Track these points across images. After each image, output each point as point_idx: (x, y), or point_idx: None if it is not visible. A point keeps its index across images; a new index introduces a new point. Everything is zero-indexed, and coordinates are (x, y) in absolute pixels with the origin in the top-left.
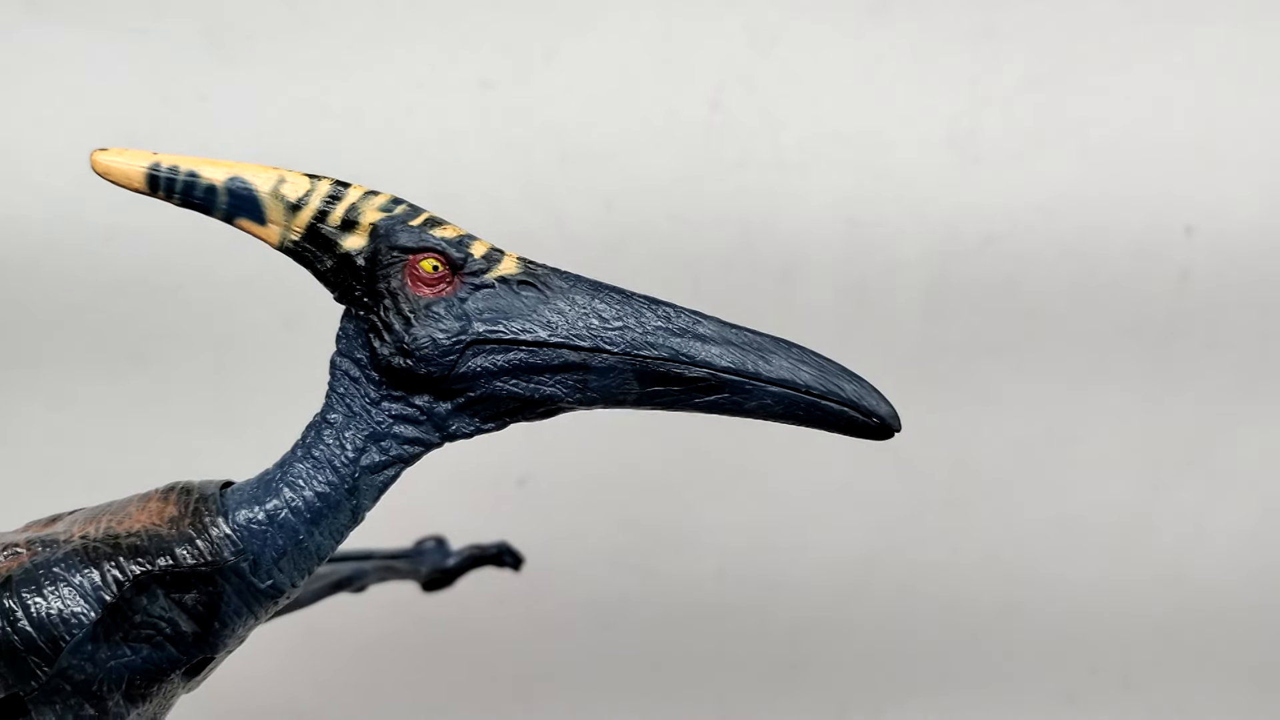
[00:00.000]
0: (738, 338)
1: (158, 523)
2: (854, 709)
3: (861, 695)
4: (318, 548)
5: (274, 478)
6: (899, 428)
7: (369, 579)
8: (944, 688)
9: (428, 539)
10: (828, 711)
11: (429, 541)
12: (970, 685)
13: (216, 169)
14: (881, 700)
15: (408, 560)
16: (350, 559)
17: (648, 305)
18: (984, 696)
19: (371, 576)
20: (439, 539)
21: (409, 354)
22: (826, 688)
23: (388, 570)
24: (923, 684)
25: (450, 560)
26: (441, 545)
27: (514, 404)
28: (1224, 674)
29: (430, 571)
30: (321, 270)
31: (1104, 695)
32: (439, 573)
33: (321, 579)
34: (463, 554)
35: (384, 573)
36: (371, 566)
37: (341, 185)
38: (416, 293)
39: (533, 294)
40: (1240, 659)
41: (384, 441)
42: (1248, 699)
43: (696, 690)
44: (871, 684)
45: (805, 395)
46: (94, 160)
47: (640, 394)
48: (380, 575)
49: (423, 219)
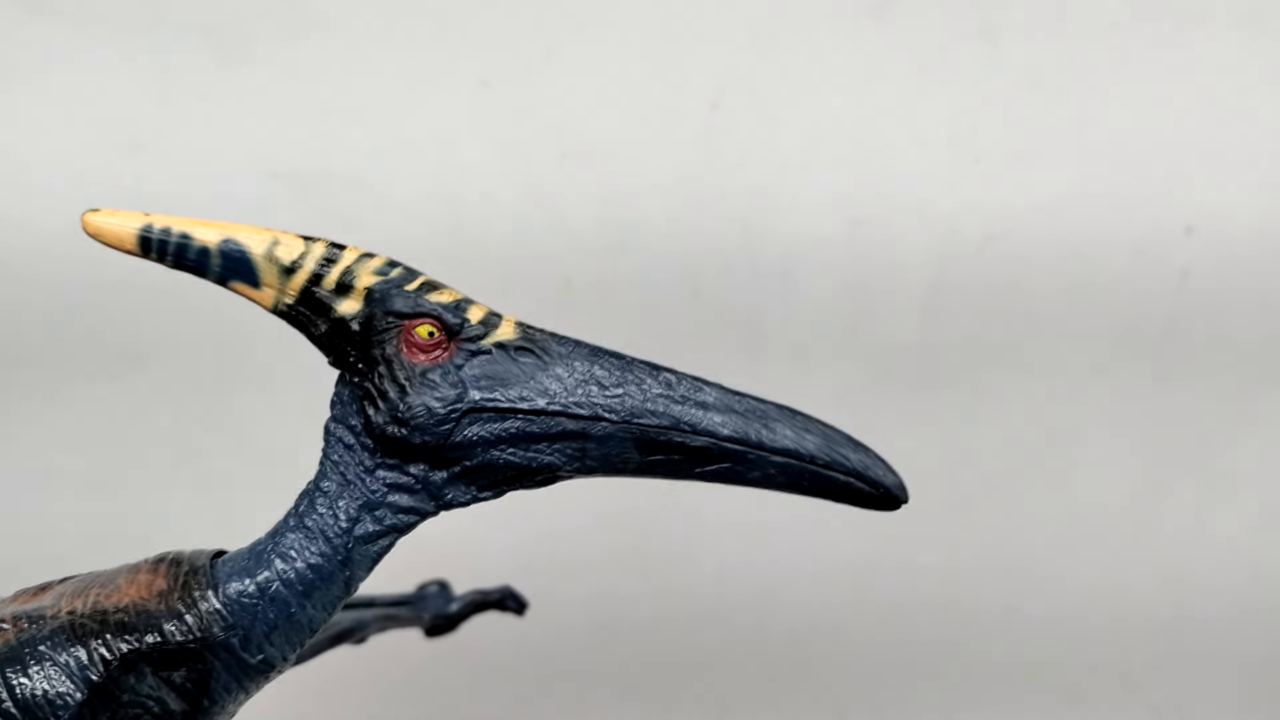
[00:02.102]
0: (741, 405)
1: (146, 597)
2: (853, 710)
3: (861, 696)
4: (310, 620)
5: (266, 548)
6: (906, 499)
7: (370, 629)
8: (944, 688)
9: (430, 583)
10: (827, 712)
11: (431, 586)
12: (970, 686)
13: (209, 230)
14: (881, 701)
15: (409, 607)
16: (350, 607)
17: (649, 371)
18: (984, 697)
19: (372, 627)
20: (442, 583)
21: (404, 423)
22: (826, 688)
23: (389, 619)
24: (922, 685)
25: (453, 605)
26: (444, 590)
27: (511, 473)
28: (1224, 674)
29: (433, 618)
30: (316, 334)
31: (1104, 695)
32: (442, 619)
33: (321, 631)
34: (465, 599)
35: (385, 622)
36: (372, 616)
37: (337, 248)
38: (412, 359)
39: (530, 360)
40: (1240, 659)
41: (378, 511)
42: (1248, 699)
43: (696, 691)
44: (871, 685)
45: (810, 465)
46: (85, 222)
47: (640, 463)
48: (381, 625)
49: (419, 283)
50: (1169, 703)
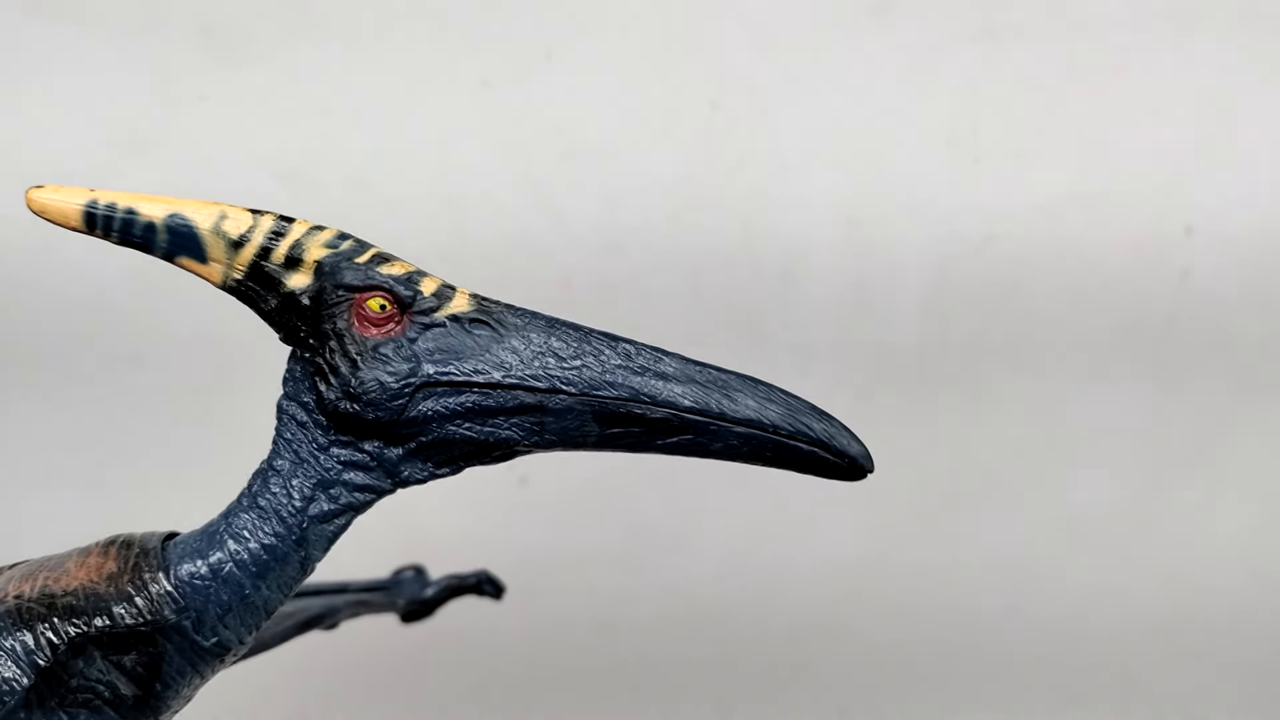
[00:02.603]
0: (702, 375)
1: (95, 580)
2: (854, 710)
3: (862, 696)
4: (265, 602)
5: (218, 529)
6: (871, 468)
7: (341, 615)
8: (944, 688)
9: (406, 568)
10: (828, 712)
11: (407, 571)
12: (970, 685)
13: (155, 205)
14: (882, 701)
15: (384, 593)
16: (322, 593)
17: (607, 342)
18: (984, 697)
19: (344, 612)
20: (417, 568)
21: (356, 398)
22: (826, 688)
23: (361, 604)
24: (923, 685)
25: (428, 590)
26: (420, 575)
27: (468, 448)
28: (1225, 674)
29: (408, 603)
30: (266, 310)
31: (1104, 695)
32: (417, 604)
33: (289, 617)
34: (441, 584)
35: (357, 607)
36: (343, 601)
37: (285, 221)
38: (363, 333)
39: (486, 332)
40: (1241, 659)
41: (333, 489)
42: (1248, 699)
43: (696, 691)
44: (872, 685)
45: (773, 436)
46: (29, 199)
47: (600, 436)
48: (353, 610)
49: (369, 255)
50: (1169, 702)
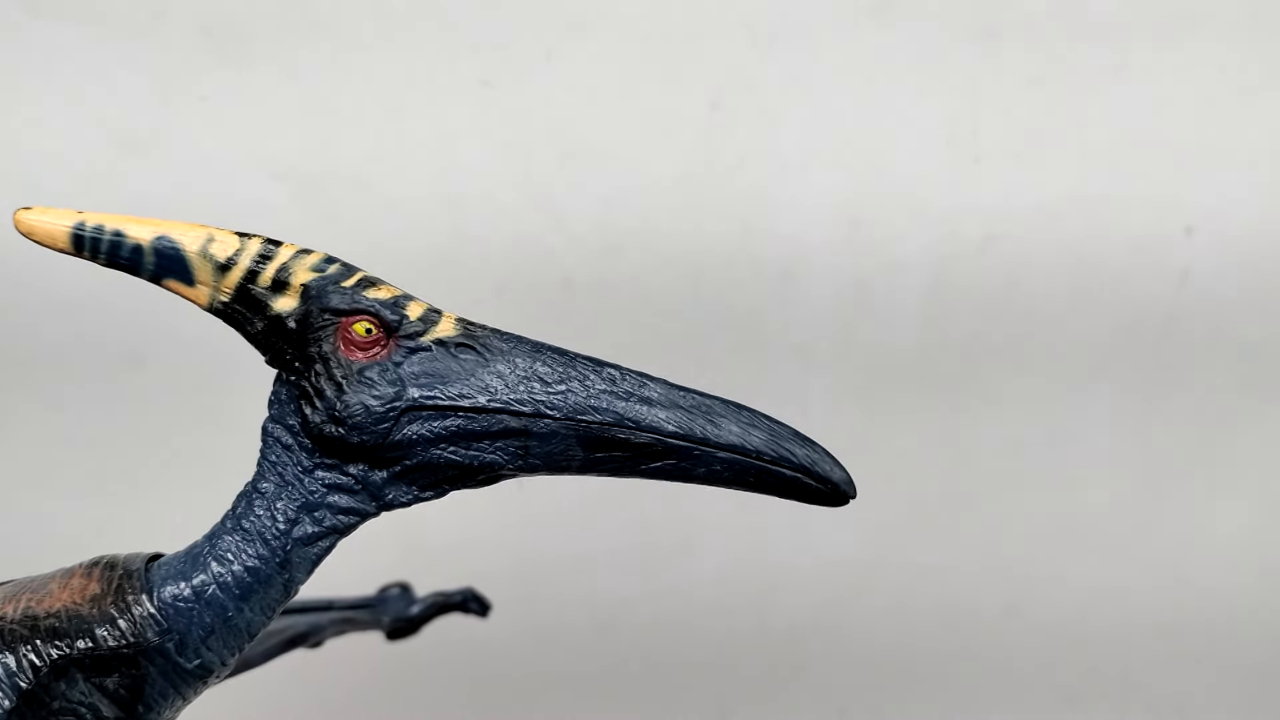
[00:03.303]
0: (685, 401)
1: (79, 601)
2: (854, 711)
3: (862, 696)
4: (248, 624)
5: (202, 551)
6: (854, 494)
7: (326, 633)
8: (944, 689)
9: (391, 586)
10: (827, 713)
11: (392, 589)
12: (970, 686)
13: (143, 228)
14: (881, 701)
15: (369, 610)
16: (308, 610)
17: (592, 367)
18: (984, 697)
19: (329, 630)
20: (403, 585)
21: (341, 422)
22: (826, 689)
23: (346, 622)
24: (923, 685)
25: (414, 608)
26: (406, 592)
27: (453, 471)
28: (1225, 674)
29: (393, 621)
30: (252, 333)
31: (1104, 695)
32: (403, 622)
33: (274, 635)
34: (426, 601)
35: (342, 625)
36: (328, 620)
37: (272, 244)
38: (349, 357)
39: (471, 357)
40: (1241, 659)
41: (317, 512)
42: (1248, 700)
43: (696, 692)
44: (872, 685)
45: (756, 461)
46: (17, 220)
47: (585, 460)
48: (338, 628)
49: (356, 279)
50: (1169, 703)
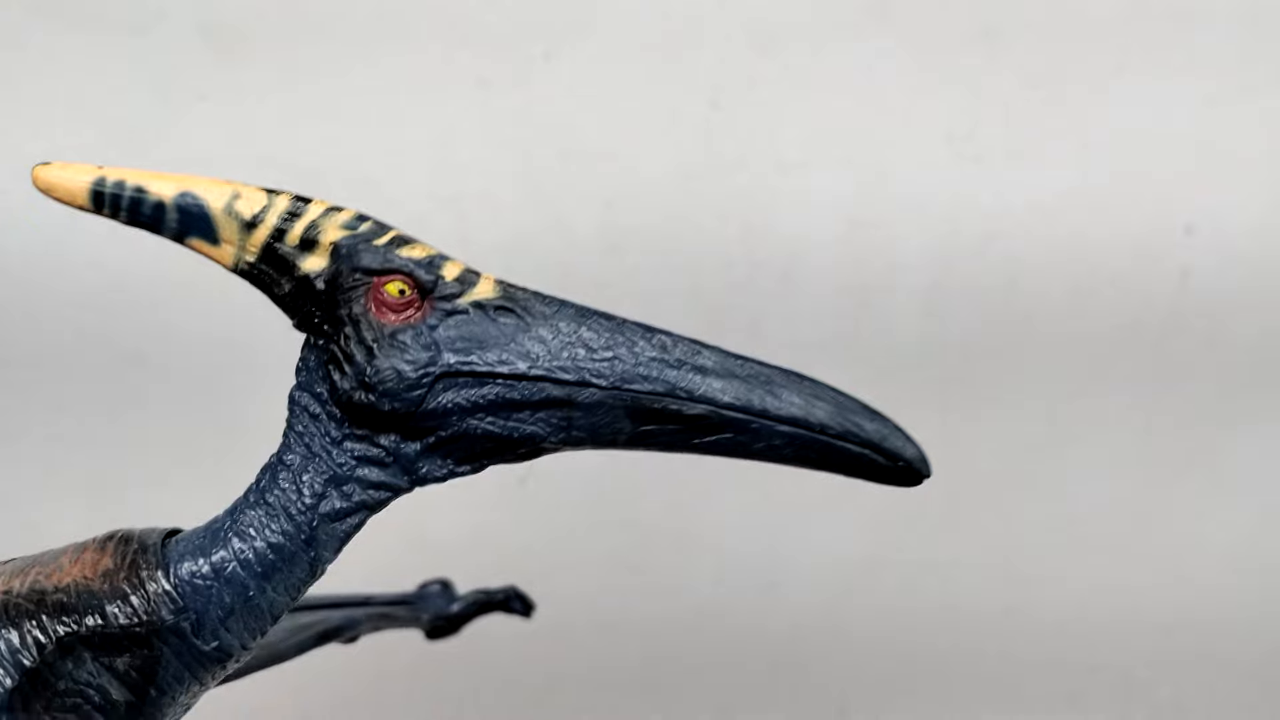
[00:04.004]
0: (743, 370)
1: (90, 576)
2: (854, 710)
3: (862, 696)
4: (270, 605)
5: (222, 526)
6: (928, 473)
7: (362, 628)
8: (945, 688)
9: (431, 582)
10: (828, 713)
11: (433, 585)
12: (970, 686)
13: (165, 183)
14: (882, 701)
15: (408, 606)
16: (341, 605)
17: (641, 333)
18: (984, 697)
19: (365, 625)
20: (444, 582)
21: (371, 388)
22: (826, 689)
23: (384, 618)
24: (923, 685)
25: (455, 606)
26: (446, 589)
27: (490, 444)
28: (1225, 675)
29: (433, 618)
30: (279, 294)
31: (1105, 695)
32: (442, 619)
33: (306, 629)
34: (468, 599)
35: (379, 620)
36: (364, 614)
37: (301, 201)
38: (380, 319)
39: (511, 320)
40: (1242, 660)
41: (346, 486)
42: (1249, 700)
43: (696, 691)
44: (872, 685)
45: (820, 435)
46: (35, 176)
47: (633, 433)
48: (375, 623)
49: (389, 237)
50: (1170, 703)
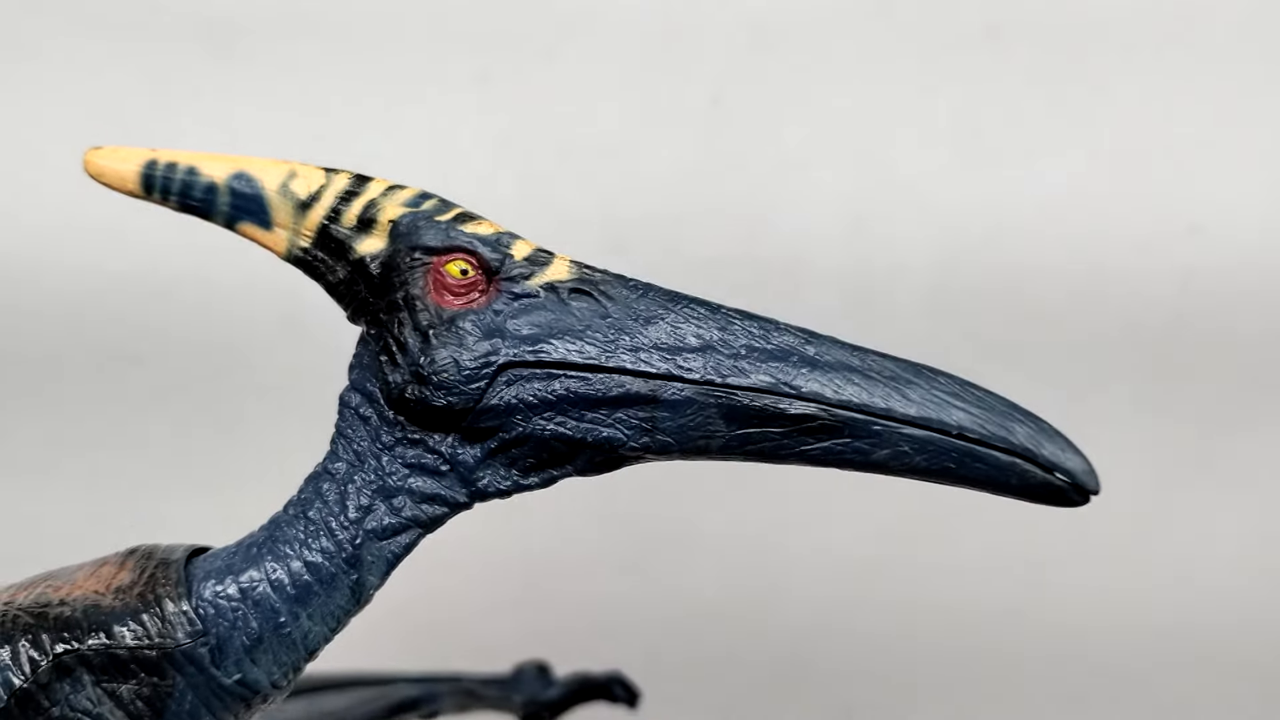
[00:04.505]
0: (862, 362)
1: (101, 591)
2: (859, 711)
3: (867, 698)
4: (305, 635)
5: (256, 542)
6: (1096, 488)
7: (443, 703)
8: (949, 690)
9: (527, 664)
10: (833, 714)
11: (529, 667)
12: (975, 688)
13: (218, 165)
14: (887, 703)
15: (499, 687)
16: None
17: (741, 320)
18: (988, 698)
19: (447, 701)
20: (541, 665)
21: (425, 380)
22: (831, 690)
23: (469, 695)
24: (928, 687)
25: (553, 691)
26: (544, 673)
27: (561, 449)
28: (1229, 676)
29: (527, 703)
30: (333, 283)
31: (1108, 697)
32: (537, 705)
33: (373, 701)
34: (567, 684)
35: (465, 698)
36: (447, 689)
37: (361, 180)
38: (440, 303)
39: (587, 305)
40: (1246, 661)
41: (396, 499)
42: (1253, 702)
43: (699, 693)
44: (876, 687)
45: (958, 441)
46: (86, 162)
47: (728, 438)
48: (460, 701)
49: (454, 214)
50: (1174, 705)
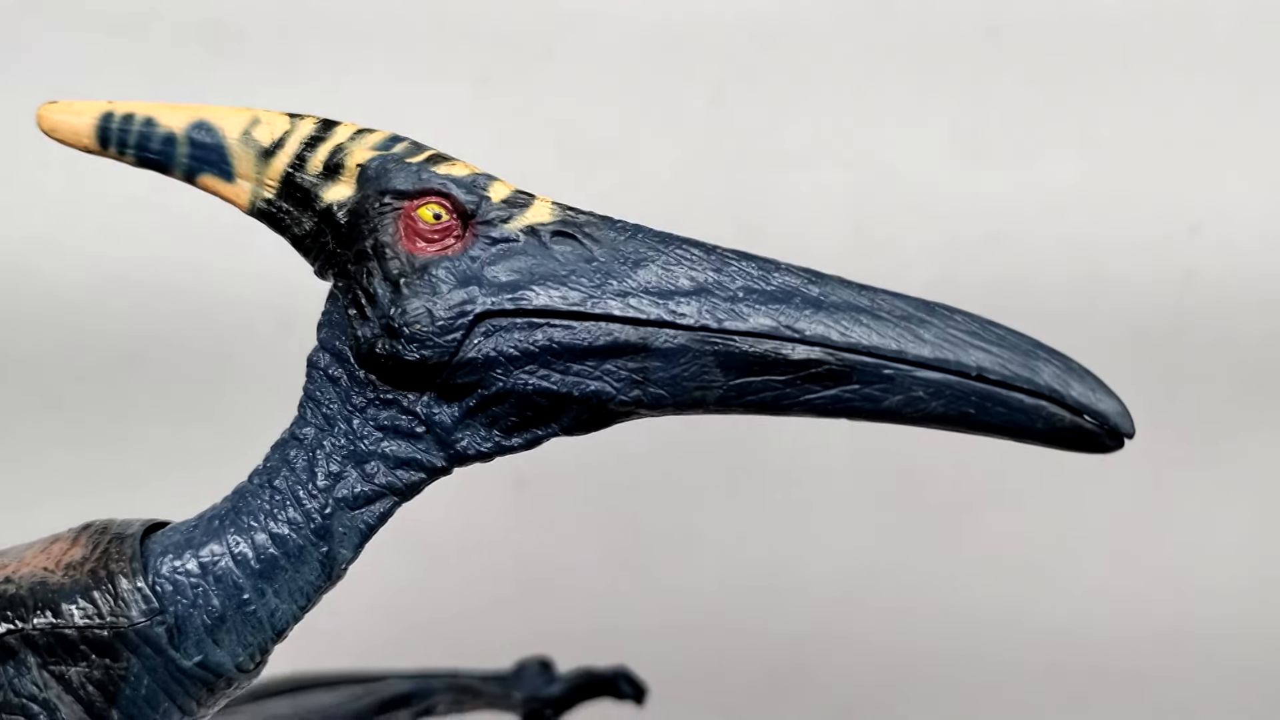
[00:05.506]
0: (872, 303)
1: (50, 568)
2: (858, 711)
3: (865, 701)
4: (271, 614)
5: (219, 514)
6: (1130, 431)
7: (437, 699)
8: (948, 694)
9: (529, 660)
10: (832, 714)
11: (531, 663)
12: (973, 690)
13: (177, 114)
14: (885, 706)
15: (499, 683)
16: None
17: (737, 260)
18: (987, 701)
19: (442, 697)
20: (544, 661)
21: (396, 332)
22: (830, 692)
23: (467, 692)
24: (927, 690)
25: (555, 687)
26: (546, 669)
27: (545, 405)
28: (1228, 679)
29: (529, 700)
30: (298, 236)
31: (1107, 700)
32: (539, 702)
33: (362, 697)
34: (570, 680)
35: (462, 694)
36: (442, 684)
37: (329, 124)
38: (411, 250)
39: (571, 249)
40: (1245, 664)
41: (368, 464)
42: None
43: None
44: (875, 690)
45: (977, 383)
46: (40, 116)
47: (725, 389)
48: (456, 698)
49: (426, 155)
50: (1173, 707)
